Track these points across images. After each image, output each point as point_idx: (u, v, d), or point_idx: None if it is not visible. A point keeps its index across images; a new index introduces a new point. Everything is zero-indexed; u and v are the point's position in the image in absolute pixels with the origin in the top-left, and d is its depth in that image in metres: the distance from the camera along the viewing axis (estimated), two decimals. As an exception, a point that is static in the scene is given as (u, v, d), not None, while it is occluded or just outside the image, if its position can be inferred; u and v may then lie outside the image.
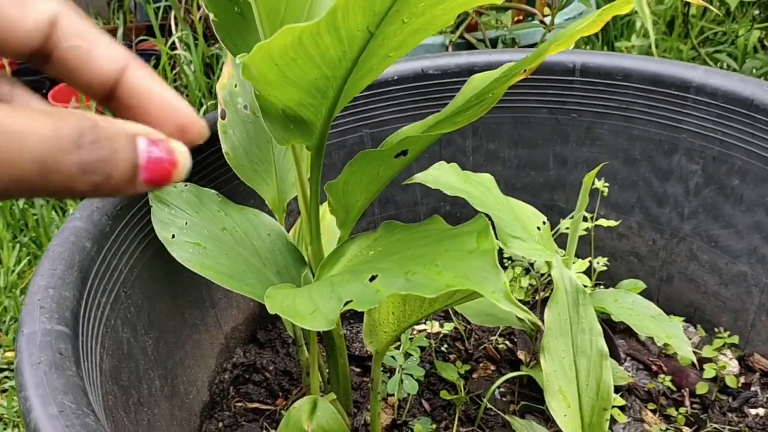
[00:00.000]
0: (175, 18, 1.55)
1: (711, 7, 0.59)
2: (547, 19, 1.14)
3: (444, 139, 0.84)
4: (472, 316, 0.69)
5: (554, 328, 0.52)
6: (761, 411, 0.67)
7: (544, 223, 0.64)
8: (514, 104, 0.82)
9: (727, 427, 0.66)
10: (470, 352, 0.77)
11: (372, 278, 0.38)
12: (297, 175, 0.52)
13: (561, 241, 0.81)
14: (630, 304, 0.63)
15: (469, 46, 1.07)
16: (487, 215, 0.57)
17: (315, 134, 0.47)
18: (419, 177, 0.57)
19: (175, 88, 1.57)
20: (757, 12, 1.56)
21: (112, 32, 1.99)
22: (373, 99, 0.78)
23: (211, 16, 0.52)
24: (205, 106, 1.41)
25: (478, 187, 0.59)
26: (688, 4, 1.34)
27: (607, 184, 0.76)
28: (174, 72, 1.58)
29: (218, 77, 1.42)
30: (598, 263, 0.77)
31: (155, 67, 1.48)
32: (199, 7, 1.53)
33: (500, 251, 0.77)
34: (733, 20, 1.57)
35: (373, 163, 0.45)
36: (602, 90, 0.78)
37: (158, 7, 1.69)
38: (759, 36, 1.36)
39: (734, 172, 0.71)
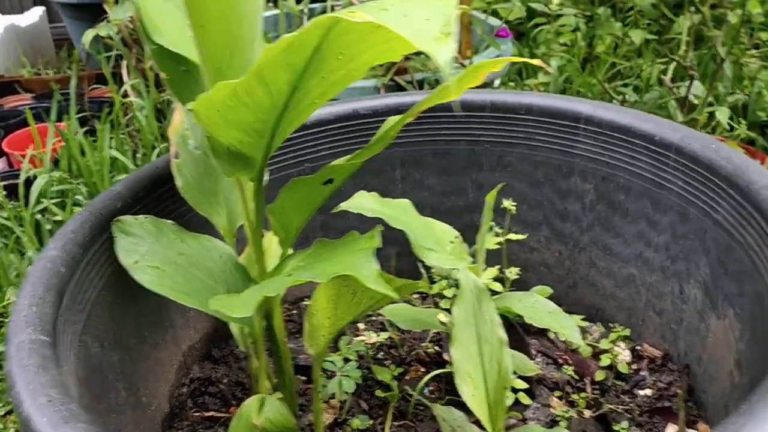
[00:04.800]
0: (127, 67, 1.64)
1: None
2: (468, 62, 1.27)
3: (376, 170, 0.95)
4: (401, 322, 0.79)
5: (461, 321, 0.63)
6: (648, 391, 0.78)
7: (456, 237, 0.75)
8: (435, 137, 0.94)
9: (620, 406, 0.77)
10: (403, 357, 0.87)
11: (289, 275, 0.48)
12: (243, 203, 0.62)
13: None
14: (532, 303, 0.74)
15: (398, 88, 1.19)
16: (402, 231, 0.68)
17: (256, 167, 0.57)
18: (343, 205, 0.67)
19: (128, 133, 1.65)
20: (661, 45, 1.73)
21: (63, 81, 2.07)
22: (313, 137, 0.89)
23: (163, 75, 0.61)
24: (157, 149, 1.50)
25: (396, 209, 0.69)
26: (591, 41, 1.48)
27: (515, 204, 0.87)
28: (127, 117, 1.66)
29: (169, 122, 1.51)
30: (510, 272, 0.88)
31: (108, 113, 1.56)
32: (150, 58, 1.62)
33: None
34: (639, 56, 1.73)
35: (305, 189, 0.55)
36: (509, 123, 0.90)
37: (109, 57, 1.78)
38: (660, 70, 1.52)
39: (620, 189, 0.83)
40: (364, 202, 0.67)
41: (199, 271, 0.68)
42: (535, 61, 0.50)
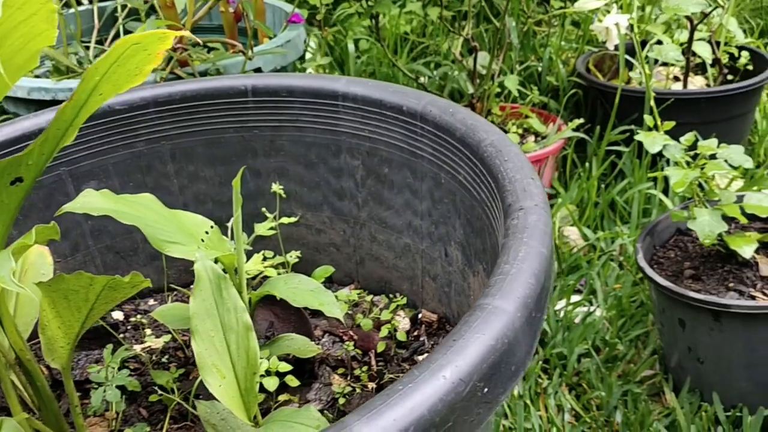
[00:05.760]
0: None
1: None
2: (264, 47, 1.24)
3: (145, 167, 0.91)
4: (171, 322, 0.76)
5: (201, 312, 0.60)
6: (426, 356, 0.80)
7: (212, 227, 0.72)
8: (203, 127, 0.91)
9: (401, 374, 0.78)
10: (189, 357, 0.84)
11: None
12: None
13: (269, 243, 0.91)
14: (296, 284, 0.73)
15: (180, 81, 1.15)
16: (137, 228, 0.65)
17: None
18: (67, 207, 0.63)
19: None
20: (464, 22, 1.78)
21: None
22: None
23: None
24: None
25: (133, 206, 0.66)
26: (376, 19, 1.51)
27: (282, 187, 0.87)
28: None
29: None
30: (291, 256, 0.87)
31: None
32: None
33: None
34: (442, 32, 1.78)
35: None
36: (274, 106, 0.89)
37: None
38: (458, 45, 1.57)
39: (383, 162, 0.84)
40: (90, 201, 0.63)
41: None
42: (184, 33, 0.48)
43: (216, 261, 0.78)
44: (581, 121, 1.36)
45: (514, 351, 0.44)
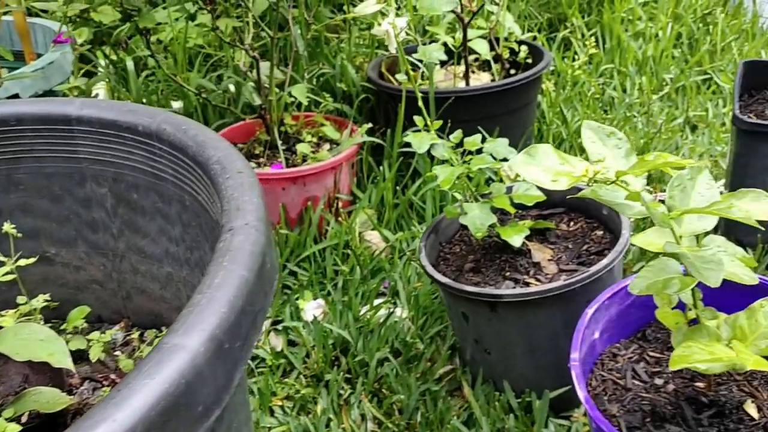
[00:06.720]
0: None
1: None
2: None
3: None
4: None
5: None
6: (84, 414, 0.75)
7: None
8: (-74, 168, 0.81)
9: (164, 414, 0.72)
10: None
11: None
12: None
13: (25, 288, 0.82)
14: (26, 334, 0.66)
15: None
16: None
17: None
18: None
19: None
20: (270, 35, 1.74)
21: None
22: None
23: None
24: None
25: None
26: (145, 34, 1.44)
27: (21, 225, 0.78)
28: None
29: None
30: (37, 301, 0.79)
31: None
32: None
33: None
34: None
35: None
36: (6, 137, 0.80)
37: None
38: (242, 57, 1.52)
39: (131, 188, 0.78)
40: None
41: None
42: None
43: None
44: (370, 125, 1.36)
45: (197, 390, 0.40)
